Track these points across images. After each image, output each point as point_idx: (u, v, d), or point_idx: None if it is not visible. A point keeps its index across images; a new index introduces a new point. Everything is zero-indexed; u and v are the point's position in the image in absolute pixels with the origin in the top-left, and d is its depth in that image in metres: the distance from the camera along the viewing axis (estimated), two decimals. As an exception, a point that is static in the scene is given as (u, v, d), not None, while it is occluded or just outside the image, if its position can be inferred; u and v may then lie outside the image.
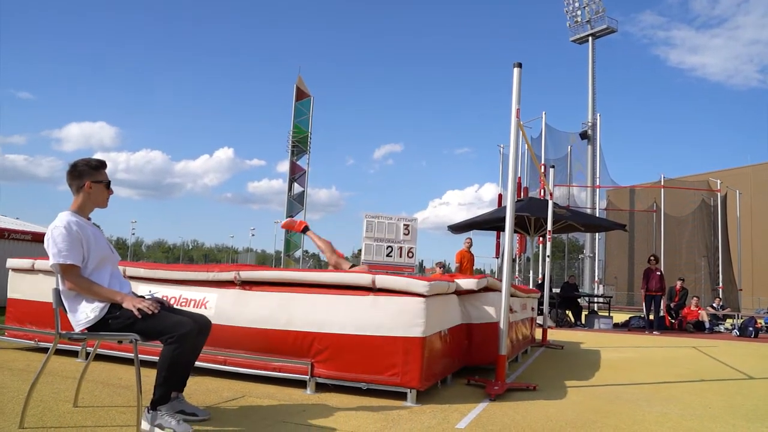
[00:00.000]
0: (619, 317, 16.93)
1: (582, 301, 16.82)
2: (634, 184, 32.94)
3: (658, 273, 14.20)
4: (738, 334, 14.27)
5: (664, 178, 26.15)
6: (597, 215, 26.80)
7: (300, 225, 6.10)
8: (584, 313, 16.16)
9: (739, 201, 25.79)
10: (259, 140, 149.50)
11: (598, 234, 30.06)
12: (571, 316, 15.60)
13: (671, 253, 26.42)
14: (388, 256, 14.33)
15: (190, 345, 3.25)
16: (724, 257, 25.76)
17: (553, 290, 14.25)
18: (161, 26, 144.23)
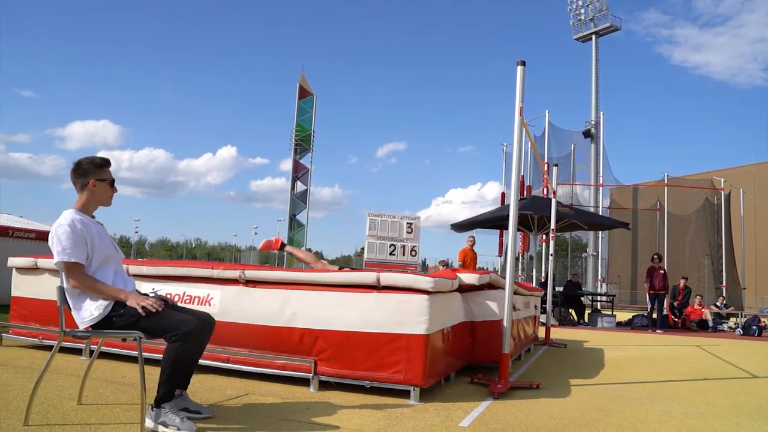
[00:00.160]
0: (622, 316, 16.93)
1: (585, 299, 16.81)
2: (637, 182, 32.94)
3: (662, 271, 14.19)
4: (741, 332, 14.26)
5: (667, 176, 26.16)
6: (600, 214, 26.77)
7: (277, 243, 6.11)
8: (587, 311, 16.15)
9: (743, 199, 25.76)
10: (262, 139, 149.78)
11: (601, 232, 30.06)
12: (574, 314, 15.59)
13: (674, 252, 26.42)
14: (391, 254, 14.35)
15: (194, 343, 3.26)
16: (728, 256, 25.75)
17: (556, 289, 14.23)
18: (164, 25, 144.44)
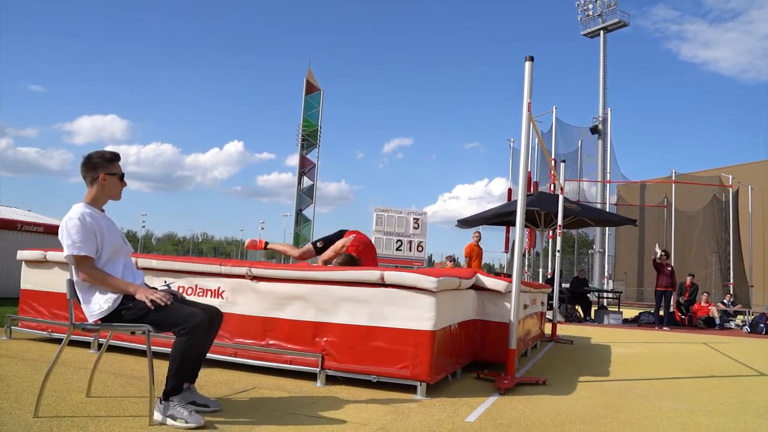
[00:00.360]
0: (628, 313, 16.86)
1: (591, 296, 16.76)
2: (644, 179, 32.81)
3: (669, 268, 14.14)
4: (749, 330, 14.19)
5: (675, 173, 26.01)
6: (607, 210, 26.68)
7: (261, 243, 6.96)
8: (594, 308, 16.12)
9: (751, 196, 25.60)
10: (269, 134, 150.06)
11: (608, 229, 29.96)
12: (580, 311, 15.56)
13: (682, 249, 26.30)
14: (397, 249, 14.37)
15: (202, 336, 3.27)
16: (736, 253, 25.62)
17: (562, 285, 14.20)
18: (171, 22, 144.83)
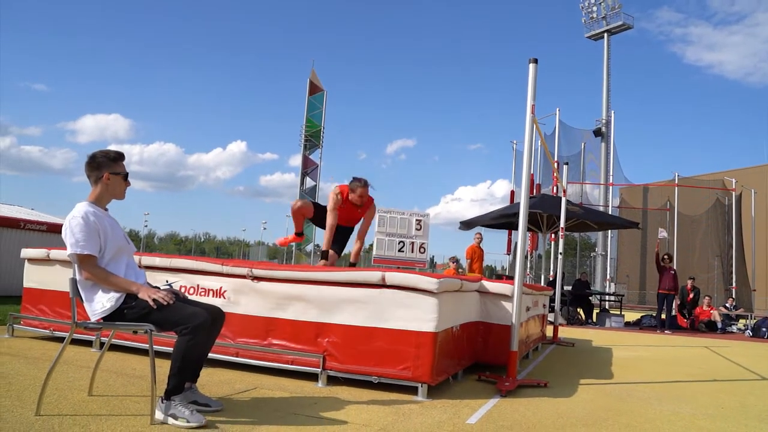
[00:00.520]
0: (630, 316, 16.86)
1: (593, 299, 16.75)
2: (647, 182, 32.72)
3: (672, 272, 14.12)
4: (751, 334, 14.16)
5: (678, 176, 25.99)
6: (610, 213, 26.65)
7: (293, 238, 6.47)
8: (595, 311, 16.10)
9: (755, 200, 25.55)
10: (272, 134, 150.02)
11: (610, 232, 29.92)
12: (582, 313, 15.55)
13: (684, 252, 26.26)
14: (400, 251, 14.36)
15: (204, 336, 3.28)
16: (738, 257, 25.56)
17: (564, 288, 14.20)
18: (175, 21, 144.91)
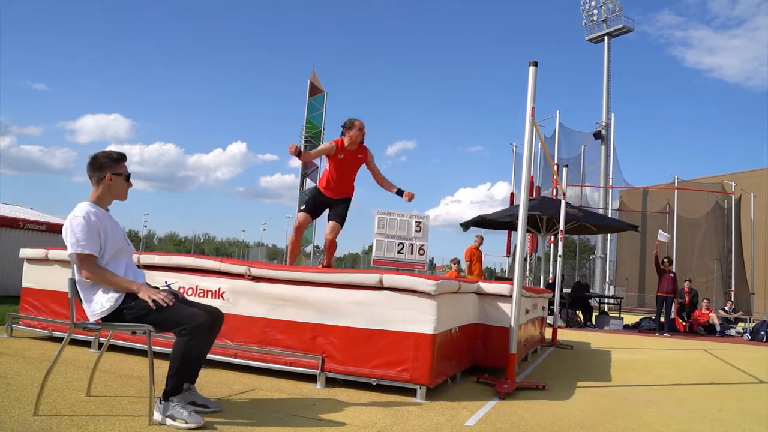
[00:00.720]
0: (629, 318, 16.85)
1: (592, 301, 16.75)
2: (647, 185, 32.76)
3: (671, 275, 14.11)
4: (749, 337, 14.16)
5: (677, 179, 25.98)
6: (609, 216, 26.65)
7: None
8: (594, 313, 16.10)
9: (754, 204, 25.56)
10: (272, 135, 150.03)
11: (609, 234, 29.91)
12: (581, 316, 15.55)
13: (683, 256, 26.24)
14: (399, 252, 14.35)
15: (203, 337, 3.28)
16: (737, 260, 25.55)
17: (563, 290, 14.19)
18: (175, 22, 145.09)
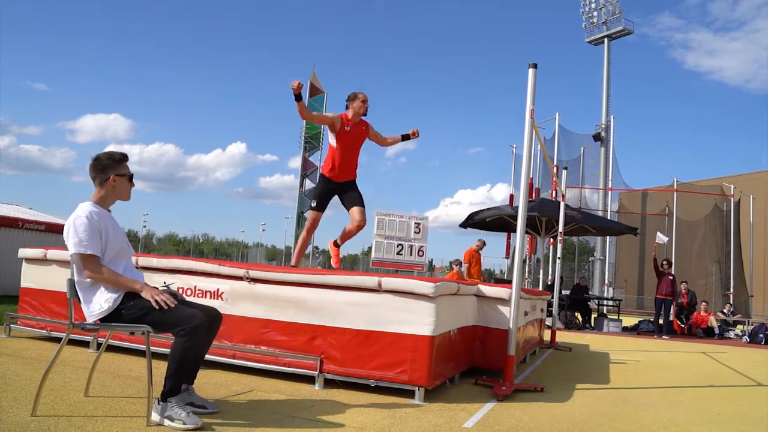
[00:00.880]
0: (628, 321, 16.85)
1: (591, 303, 16.74)
2: (646, 187, 32.79)
3: (670, 277, 14.12)
4: (748, 340, 14.17)
5: (677, 181, 26.00)
6: (609, 218, 26.66)
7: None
8: (593, 315, 16.10)
9: (753, 206, 25.58)
10: (272, 136, 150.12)
11: (609, 237, 29.93)
12: (580, 318, 15.55)
13: (682, 258, 26.25)
14: (398, 254, 14.35)
15: (201, 338, 3.28)
16: (736, 263, 25.58)
17: (562, 292, 14.19)
18: (175, 22, 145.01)
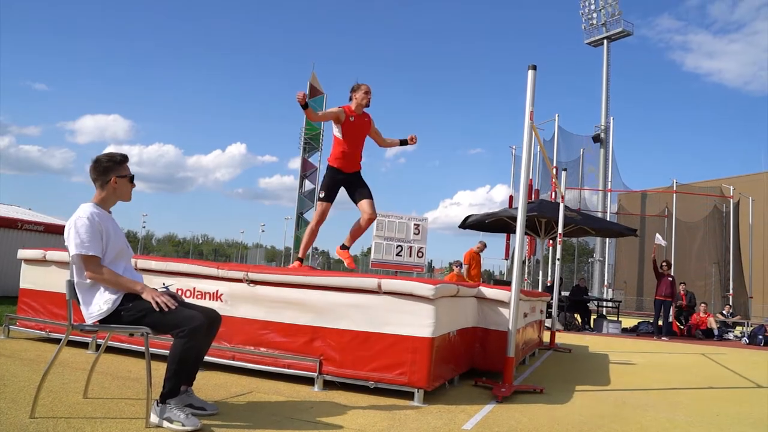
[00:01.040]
0: (627, 322, 16.84)
1: (591, 305, 16.74)
2: (646, 188, 32.78)
3: (670, 279, 14.12)
4: (747, 341, 14.16)
5: (676, 183, 26.03)
6: (608, 219, 26.67)
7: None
8: (593, 316, 16.09)
9: (752, 208, 25.59)
10: (272, 136, 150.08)
11: (608, 238, 29.94)
12: (579, 319, 15.54)
13: (682, 259, 26.27)
14: (398, 255, 14.32)
15: (201, 339, 3.27)
16: (735, 264, 25.60)
17: (562, 293, 14.19)
18: (175, 21, 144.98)
